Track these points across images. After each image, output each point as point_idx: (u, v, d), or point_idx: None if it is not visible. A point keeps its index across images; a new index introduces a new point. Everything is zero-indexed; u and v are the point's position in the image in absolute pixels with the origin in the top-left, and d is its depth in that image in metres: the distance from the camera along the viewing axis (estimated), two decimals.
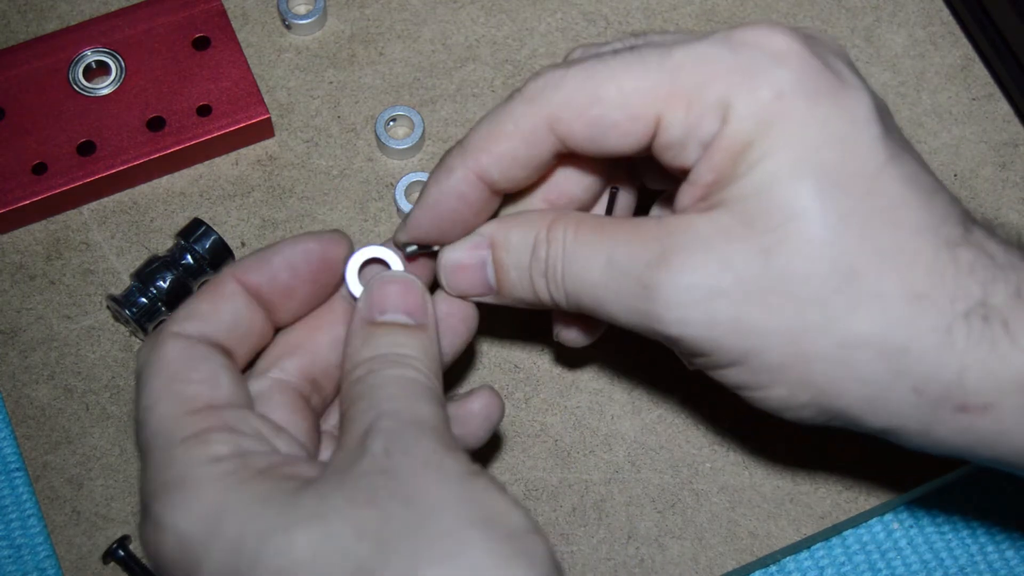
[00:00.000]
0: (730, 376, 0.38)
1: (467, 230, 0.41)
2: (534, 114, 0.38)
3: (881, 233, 0.36)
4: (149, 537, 0.35)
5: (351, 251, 0.40)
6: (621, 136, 0.37)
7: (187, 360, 0.36)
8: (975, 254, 0.36)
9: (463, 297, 0.42)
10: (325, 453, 0.40)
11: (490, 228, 0.41)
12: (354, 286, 0.40)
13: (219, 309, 0.38)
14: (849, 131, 0.36)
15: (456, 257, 0.41)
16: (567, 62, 0.39)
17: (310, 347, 0.40)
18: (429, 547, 0.32)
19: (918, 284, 0.36)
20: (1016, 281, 0.36)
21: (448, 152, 0.40)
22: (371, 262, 0.40)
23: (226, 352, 0.38)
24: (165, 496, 0.34)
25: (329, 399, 0.41)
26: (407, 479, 0.33)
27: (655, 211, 0.44)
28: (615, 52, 0.38)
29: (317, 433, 0.39)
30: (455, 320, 0.41)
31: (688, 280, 0.36)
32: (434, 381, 0.37)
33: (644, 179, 0.44)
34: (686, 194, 0.37)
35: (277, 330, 0.40)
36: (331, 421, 0.41)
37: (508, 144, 0.38)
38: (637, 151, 0.38)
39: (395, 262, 0.40)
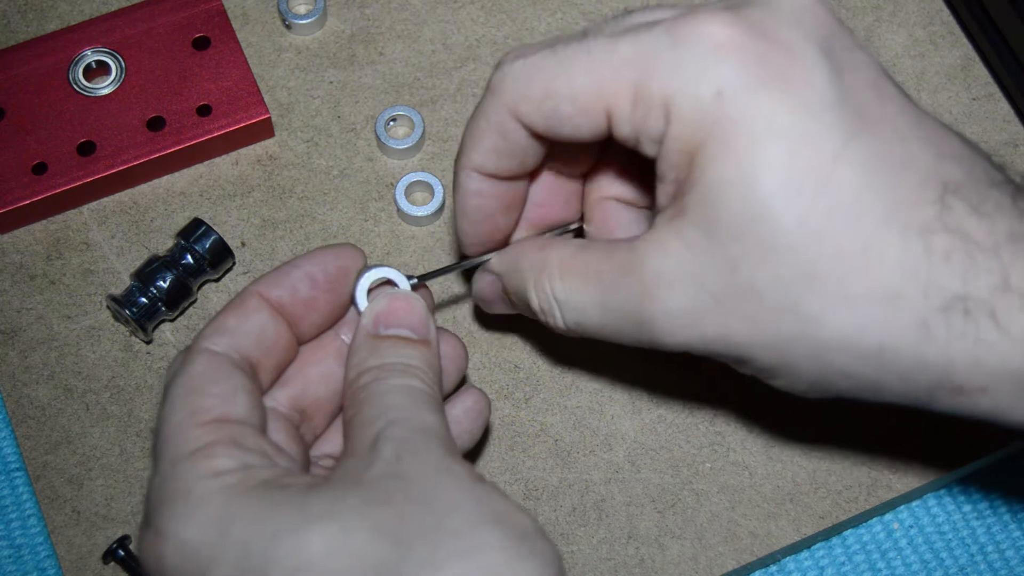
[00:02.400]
0: (739, 369, 0.38)
1: (510, 217, 0.43)
2: (499, 106, 0.39)
3: (843, 230, 0.34)
4: (150, 546, 0.35)
5: (365, 264, 0.41)
6: (576, 127, 0.37)
7: (209, 375, 0.37)
8: (951, 240, 0.34)
9: (502, 313, 0.45)
10: None
11: (496, 265, 0.43)
12: (362, 303, 0.41)
13: (246, 323, 0.38)
14: (798, 122, 0.34)
15: (480, 291, 0.45)
16: (527, 47, 0.39)
17: (300, 379, 0.40)
18: (447, 545, 0.32)
19: (888, 281, 0.34)
20: (1000, 269, 0.34)
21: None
22: (380, 283, 0.41)
23: (253, 368, 0.38)
24: (168, 507, 0.34)
25: (318, 431, 0.41)
26: (420, 482, 0.33)
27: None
28: (567, 42, 0.37)
29: (308, 462, 0.40)
30: (446, 362, 0.42)
31: (673, 308, 0.36)
32: (437, 393, 0.38)
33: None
34: (660, 192, 0.37)
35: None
36: (322, 449, 0.41)
37: (488, 139, 0.39)
38: (600, 138, 0.38)
39: (403, 283, 0.41)
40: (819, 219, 0.34)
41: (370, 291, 0.41)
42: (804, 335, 0.35)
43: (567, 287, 0.39)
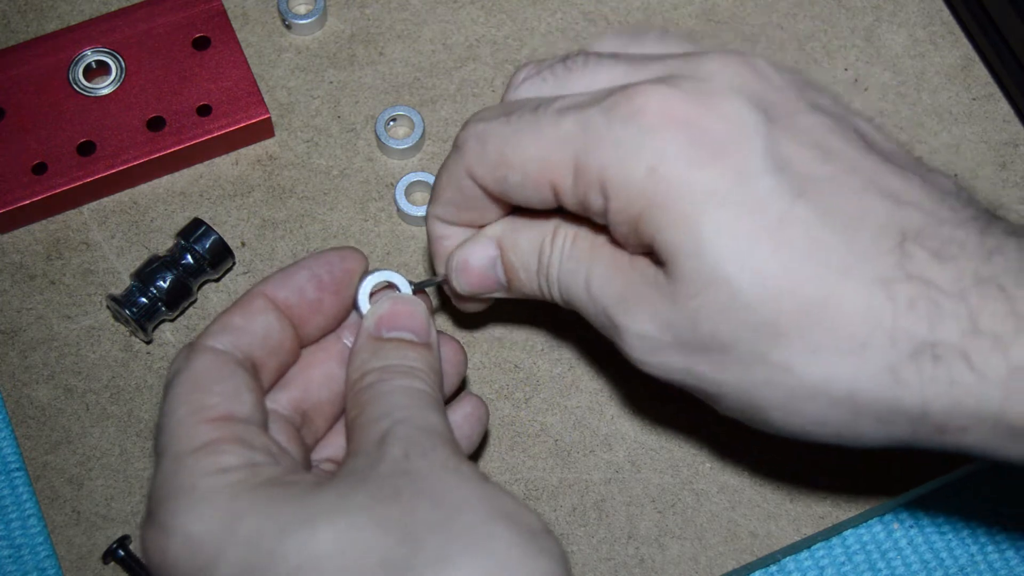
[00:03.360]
0: (715, 407, 0.38)
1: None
2: (459, 165, 0.40)
3: (802, 284, 0.34)
4: (154, 541, 0.35)
5: (367, 267, 0.41)
6: (526, 197, 0.38)
7: (214, 372, 0.37)
8: (915, 288, 0.34)
9: (474, 296, 0.43)
10: None
11: (498, 230, 0.42)
12: (364, 306, 0.41)
13: (251, 322, 0.38)
14: (738, 189, 0.34)
15: (466, 259, 0.42)
16: (491, 110, 0.39)
17: (302, 381, 0.40)
18: (457, 540, 0.32)
19: (852, 331, 0.34)
20: (968, 314, 0.33)
21: None
22: (382, 287, 0.42)
23: (256, 368, 0.38)
24: (172, 502, 0.34)
25: (319, 434, 0.41)
26: (429, 480, 0.34)
27: None
28: (520, 111, 0.38)
29: (309, 465, 0.40)
30: (446, 366, 0.42)
31: (641, 330, 0.37)
32: (439, 395, 0.38)
33: None
34: (627, 246, 0.38)
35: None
36: (322, 453, 0.41)
37: (448, 192, 0.41)
38: (551, 206, 0.38)
39: (404, 286, 0.42)
40: (775, 277, 0.34)
41: (372, 295, 0.41)
42: (773, 381, 0.35)
43: (571, 254, 0.40)
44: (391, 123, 0.54)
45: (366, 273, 0.41)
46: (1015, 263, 0.34)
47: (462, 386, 0.43)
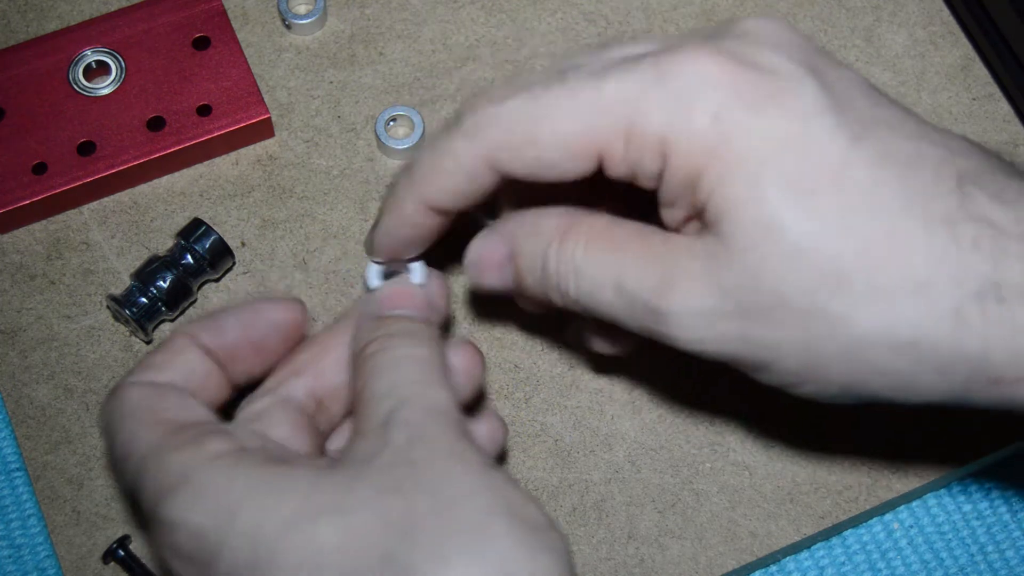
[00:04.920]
0: (759, 378, 0.37)
1: (429, 243, 0.41)
2: (474, 152, 0.37)
3: (863, 226, 0.34)
4: (161, 541, 0.34)
5: (306, 318, 0.41)
6: (563, 172, 0.37)
7: (155, 397, 0.37)
8: (977, 228, 0.33)
9: (490, 291, 0.42)
10: None
11: (510, 227, 0.41)
12: (374, 284, 0.42)
13: (173, 360, 0.38)
14: (798, 130, 0.34)
15: (478, 255, 0.41)
16: (501, 90, 0.37)
17: (316, 368, 0.40)
18: (457, 536, 0.32)
19: (916, 272, 0.33)
20: None
21: (397, 180, 0.40)
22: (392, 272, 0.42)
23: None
24: (170, 497, 0.34)
25: (335, 421, 0.41)
26: (431, 469, 0.33)
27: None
28: (545, 83, 0.36)
29: (320, 453, 0.39)
30: (462, 377, 0.40)
31: (693, 306, 0.35)
32: (443, 364, 0.38)
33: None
34: (667, 216, 0.37)
35: (235, 390, 0.40)
36: (336, 444, 0.41)
37: (451, 180, 0.38)
38: (585, 176, 0.37)
39: (415, 270, 0.42)
40: (837, 219, 0.34)
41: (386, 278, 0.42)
42: (834, 334, 0.34)
43: (589, 256, 0.38)
44: (391, 123, 0.54)
45: (305, 318, 0.42)
46: None
47: (481, 399, 0.42)
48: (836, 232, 0.34)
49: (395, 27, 0.57)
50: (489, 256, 0.41)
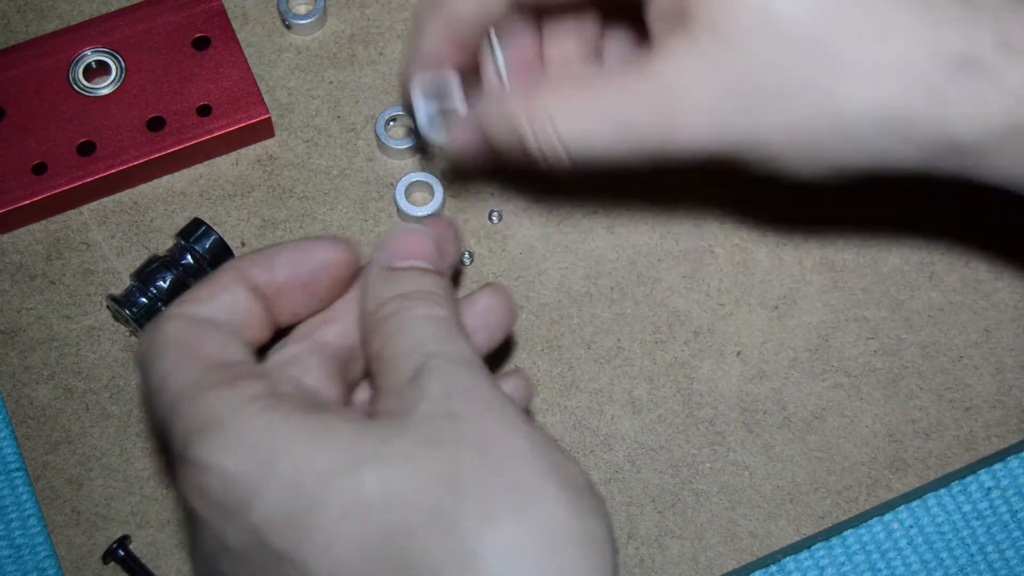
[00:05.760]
0: (759, 168, 0.40)
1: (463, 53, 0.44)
2: None
3: (858, 14, 0.37)
4: (188, 482, 0.33)
5: (358, 258, 0.40)
6: None
7: (195, 331, 0.36)
8: (955, 6, 0.37)
9: (472, 164, 0.45)
10: None
11: (478, 112, 0.43)
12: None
13: (218, 295, 0.37)
14: None
15: (456, 141, 0.45)
16: None
17: (352, 315, 0.39)
18: (505, 493, 0.31)
19: (900, 51, 0.37)
20: (998, 28, 0.36)
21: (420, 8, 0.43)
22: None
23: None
24: (203, 438, 0.33)
25: (362, 375, 0.39)
26: (473, 423, 0.33)
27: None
28: None
29: (348, 403, 0.39)
30: (493, 316, 0.40)
31: (699, 105, 0.38)
32: (462, 323, 0.37)
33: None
34: (654, 16, 0.39)
35: (277, 333, 0.40)
36: (361, 396, 0.40)
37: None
38: None
39: (453, 88, 0.44)
40: (834, 8, 0.37)
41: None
42: (828, 112, 0.37)
43: (570, 108, 0.40)
44: (391, 123, 0.54)
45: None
46: None
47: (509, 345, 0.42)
48: (832, 22, 0.37)
49: (395, 27, 0.57)
50: (465, 142, 0.44)
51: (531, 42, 0.46)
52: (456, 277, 0.51)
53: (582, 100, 0.40)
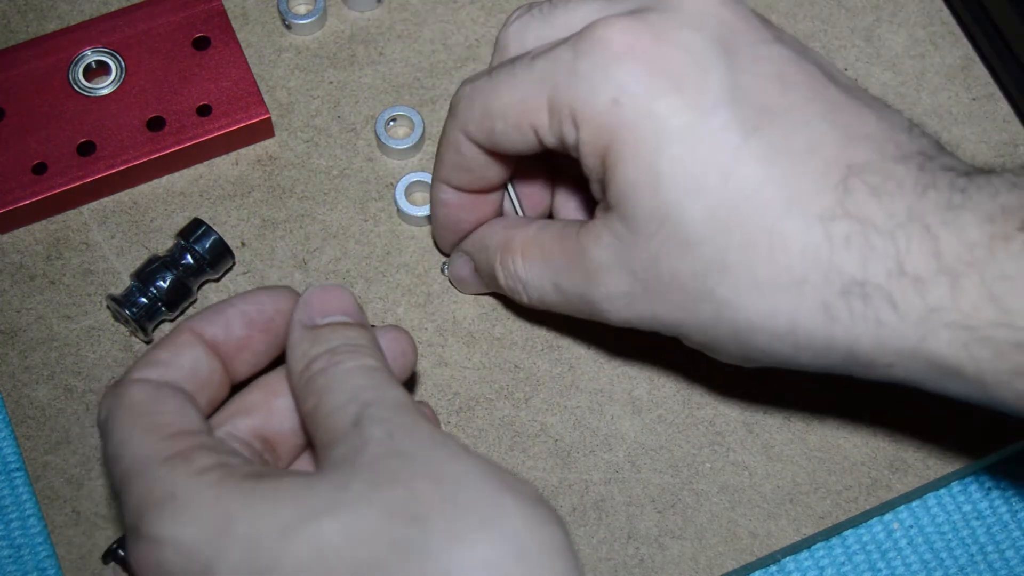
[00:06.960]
0: (685, 343, 0.41)
1: (478, 218, 0.47)
2: (454, 127, 0.42)
3: (747, 222, 0.36)
4: (144, 556, 0.34)
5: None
6: (512, 142, 0.41)
7: (153, 399, 0.36)
8: (851, 225, 0.35)
9: (477, 294, 0.50)
10: None
11: (468, 244, 0.47)
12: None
13: (178, 356, 0.38)
14: (693, 123, 0.36)
15: (454, 270, 0.49)
16: (479, 72, 0.42)
17: (266, 409, 0.40)
18: (466, 517, 0.32)
19: (792, 268, 0.36)
20: (896, 253, 0.35)
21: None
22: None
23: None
24: (157, 512, 0.33)
25: (282, 464, 0.40)
26: (422, 458, 0.33)
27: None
28: (502, 65, 0.41)
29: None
30: (394, 355, 0.41)
31: (612, 291, 0.39)
32: (391, 370, 0.38)
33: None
34: (592, 188, 0.40)
35: (233, 388, 0.40)
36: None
37: (448, 155, 0.44)
38: (537, 151, 0.41)
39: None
40: (725, 213, 0.36)
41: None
42: (722, 319, 0.37)
43: (528, 267, 0.43)
44: (391, 123, 0.54)
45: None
46: (944, 199, 0.35)
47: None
48: (724, 226, 0.36)
49: (395, 27, 0.57)
50: (458, 272, 0.49)
51: (542, 186, 0.48)
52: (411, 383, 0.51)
53: (534, 259, 0.43)
